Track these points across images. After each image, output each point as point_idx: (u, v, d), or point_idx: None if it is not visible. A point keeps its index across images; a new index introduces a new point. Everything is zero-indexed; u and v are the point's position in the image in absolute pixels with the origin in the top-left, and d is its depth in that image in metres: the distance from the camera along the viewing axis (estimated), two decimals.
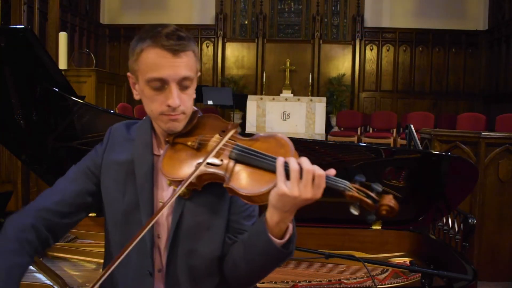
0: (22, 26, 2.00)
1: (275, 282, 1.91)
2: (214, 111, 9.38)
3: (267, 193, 1.12)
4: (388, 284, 1.95)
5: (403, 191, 2.10)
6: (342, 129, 9.05)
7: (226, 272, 1.29)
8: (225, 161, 1.19)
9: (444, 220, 2.71)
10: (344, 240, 2.28)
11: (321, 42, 10.51)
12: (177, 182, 1.19)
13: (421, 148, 3.66)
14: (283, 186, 1.08)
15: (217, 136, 1.25)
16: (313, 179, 1.08)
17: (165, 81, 1.21)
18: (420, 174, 2.11)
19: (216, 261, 1.29)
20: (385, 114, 9.02)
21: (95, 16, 10.53)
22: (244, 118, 9.46)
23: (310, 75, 10.32)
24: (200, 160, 1.19)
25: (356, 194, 1.09)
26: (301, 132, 8.73)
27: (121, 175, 1.30)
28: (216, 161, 1.19)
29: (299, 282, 1.93)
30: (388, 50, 10.52)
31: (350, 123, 9.00)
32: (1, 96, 2.18)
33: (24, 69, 2.10)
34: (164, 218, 1.29)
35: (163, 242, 1.29)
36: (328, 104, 9.32)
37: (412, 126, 3.44)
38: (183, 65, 1.22)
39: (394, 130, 8.72)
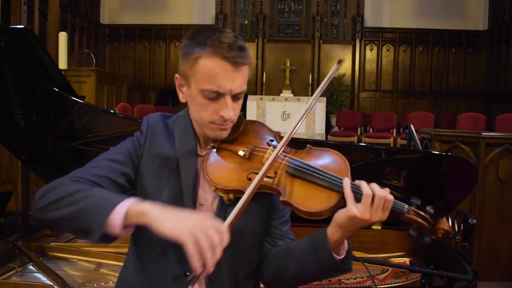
0: (22, 26, 2.00)
1: None
2: None
3: (328, 210, 1.14)
4: (388, 284, 1.94)
5: (403, 191, 2.10)
6: (342, 129, 9.05)
7: (266, 275, 1.30)
8: (280, 174, 1.19)
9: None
10: None
11: (321, 42, 10.50)
12: (227, 191, 1.19)
13: (421, 148, 3.66)
14: (354, 209, 1.11)
15: (271, 148, 1.24)
16: (384, 203, 1.12)
17: (221, 93, 1.19)
18: (420, 174, 2.11)
19: (256, 264, 1.31)
20: (385, 114, 9.02)
21: (95, 16, 10.53)
22: (244, 118, 9.46)
23: (310, 75, 10.31)
24: (253, 171, 1.19)
25: (415, 217, 1.14)
26: (301, 132, 8.73)
27: (163, 171, 1.27)
28: (270, 173, 1.19)
29: None
30: (388, 50, 10.52)
31: (350, 123, 9.00)
32: (1, 96, 2.18)
33: (24, 69, 2.10)
34: None
35: None
36: (328, 104, 9.31)
37: (412, 126, 3.43)
38: (241, 78, 1.21)
39: (394, 130, 8.72)
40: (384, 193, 1.12)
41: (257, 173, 1.18)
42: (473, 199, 3.57)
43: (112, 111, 2.38)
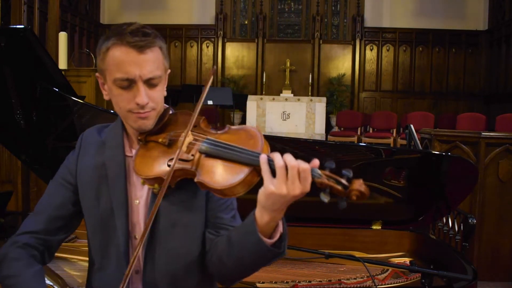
0: (22, 26, 2.00)
1: (275, 282, 1.91)
2: (214, 111, 9.39)
3: (238, 185, 1.10)
4: (388, 284, 1.94)
5: (403, 191, 2.10)
6: (342, 129, 9.05)
7: (211, 267, 1.27)
8: (196, 156, 1.17)
9: (444, 220, 2.71)
10: (344, 240, 2.28)
11: (321, 42, 10.50)
12: (151, 180, 1.19)
13: (421, 148, 3.66)
14: (270, 185, 1.05)
15: (185, 131, 1.22)
16: (299, 174, 1.05)
17: (132, 80, 1.19)
18: (420, 174, 2.11)
19: (196, 259, 1.27)
20: (385, 114, 9.03)
21: (95, 16, 10.53)
22: (244, 118, 9.47)
23: (310, 75, 10.31)
24: (172, 157, 1.18)
25: (326, 181, 1.05)
26: (301, 132, 8.73)
27: (95, 180, 1.28)
28: (187, 156, 1.17)
29: (299, 282, 1.93)
30: (388, 50, 10.52)
31: (350, 123, 9.01)
32: (1, 96, 2.18)
33: (24, 69, 2.10)
34: (140, 218, 1.28)
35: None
36: (328, 104, 9.32)
37: (412, 126, 3.44)
38: (149, 62, 1.20)
39: (394, 130, 8.73)
40: (297, 162, 1.04)
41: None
42: (473, 199, 3.57)
43: (112, 111, 2.37)
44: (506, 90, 9.11)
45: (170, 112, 1.30)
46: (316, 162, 1.07)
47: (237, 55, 10.78)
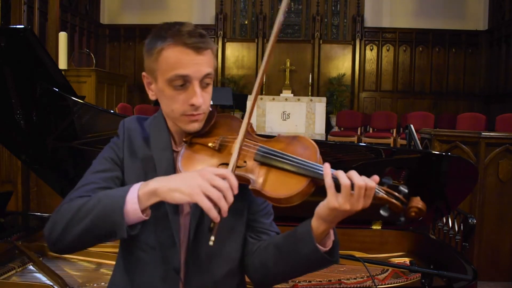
0: (22, 26, 2.00)
1: None
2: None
3: (296, 195, 1.12)
4: (388, 284, 1.94)
5: None
6: (342, 129, 9.05)
7: (251, 271, 1.29)
8: (249, 163, 1.18)
9: (444, 220, 2.71)
10: (344, 240, 2.28)
11: (321, 42, 10.51)
12: None
13: (421, 148, 3.66)
14: (334, 202, 1.09)
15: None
16: (365, 192, 1.08)
17: (188, 79, 1.20)
18: (420, 174, 2.11)
19: (238, 262, 1.30)
20: (385, 114, 9.02)
21: (95, 16, 10.53)
22: (244, 118, 9.45)
23: (310, 75, 10.32)
24: (222, 162, 1.19)
25: (385, 196, 1.10)
26: (301, 132, 8.73)
27: (143, 172, 1.27)
28: (240, 163, 1.18)
29: (299, 282, 1.93)
30: (388, 50, 10.52)
31: (350, 123, 9.00)
32: (1, 96, 2.18)
33: (24, 69, 2.10)
34: (182, 217, 1.27)
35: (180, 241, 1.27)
36: (328, 104, 9.32)
37: (412, 126, 3.43)
38: (205, 62, 1.21)
39: (394, 130, 8.72)
40: (364, 181, 1.07)
41: (226, 164, 1.17)
42: (473, 199, 3.57)
43: (112, 111, 2.38)
44: (506, 90, 9.11)
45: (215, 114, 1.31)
46: (376, 178, 1.10)
47: (237, 55, 10.78)
